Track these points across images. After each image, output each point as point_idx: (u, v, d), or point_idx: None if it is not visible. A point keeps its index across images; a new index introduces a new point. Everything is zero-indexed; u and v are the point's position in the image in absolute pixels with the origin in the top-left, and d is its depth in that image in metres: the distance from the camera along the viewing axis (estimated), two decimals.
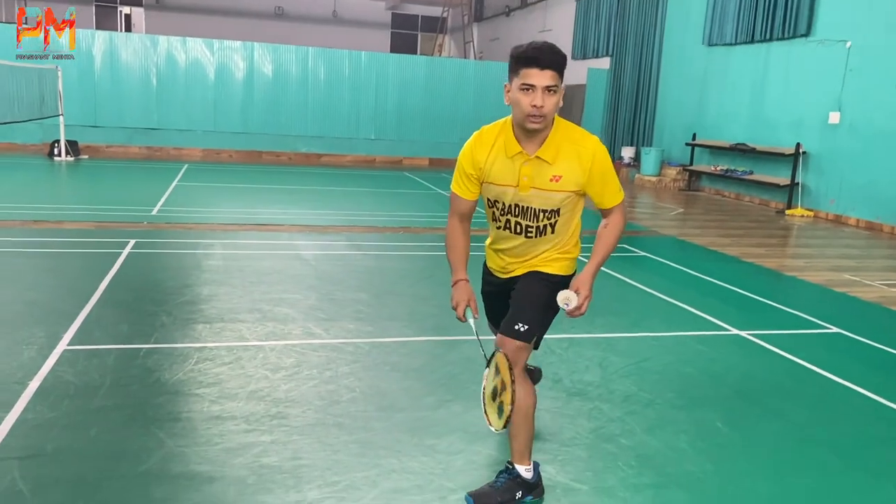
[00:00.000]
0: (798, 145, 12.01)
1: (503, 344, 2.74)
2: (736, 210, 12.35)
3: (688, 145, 14.82)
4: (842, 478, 3.18)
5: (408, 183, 14.01)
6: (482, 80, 18.16)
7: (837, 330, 5.38)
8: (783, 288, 6.87)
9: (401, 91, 17.98)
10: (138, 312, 4.91)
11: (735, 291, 6.42)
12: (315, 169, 15.88)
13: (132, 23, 25.17)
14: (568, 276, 2.83)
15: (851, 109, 11.22)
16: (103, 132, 16.36)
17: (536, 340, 2.83)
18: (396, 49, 26.37)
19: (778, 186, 12.42)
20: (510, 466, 2.82)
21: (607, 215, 2.81)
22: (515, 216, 2.75)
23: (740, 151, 13.32)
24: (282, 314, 5.01)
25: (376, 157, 18.03)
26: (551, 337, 4.49)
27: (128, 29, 24.75)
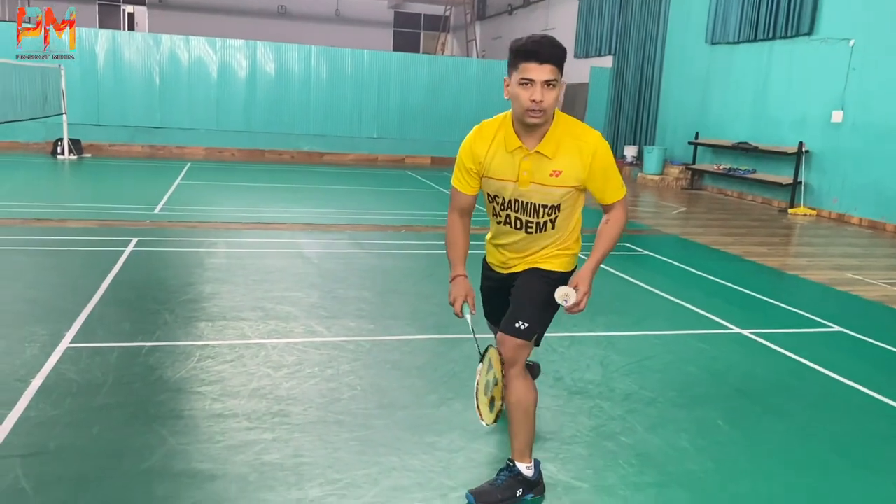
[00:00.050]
0: (801, 144, 11.99)
1: (503, 342, 2.74)
2: (738, 209, 12.34)
3: (690, 144, 14.80)
4: (843, 476, 3.18)
5: (410, 182, 14.01)
6: (484, 79, 18.15)
7: (839, 329, 5.38)
8: (785, 287, 6.87)
9: (403, 90, 17.98)
10: (141, 310, 4.92)
11: (737, 290, 6.41)
12: (317, 167, 15.89)
13: (135, 21, 25.22)
14: (568, 273, 2.82)
15: (854, 108, 11.20)
16: (106, 131, 16.39)
17: (537, 338, 2.82)
18: (399, 48, 26.38)
19: (781, 185, 12.40)
20: (511, 464, 2.82)
21: (609, 211, 2.78)
22: (515, 211, 2.74)
23: (743, 150, 13.30)
24: (284, 312, 5.02)
25: (379, 156, 18.04)
26: (553, 335, 4.50)
27: (131, 28, 24.80)
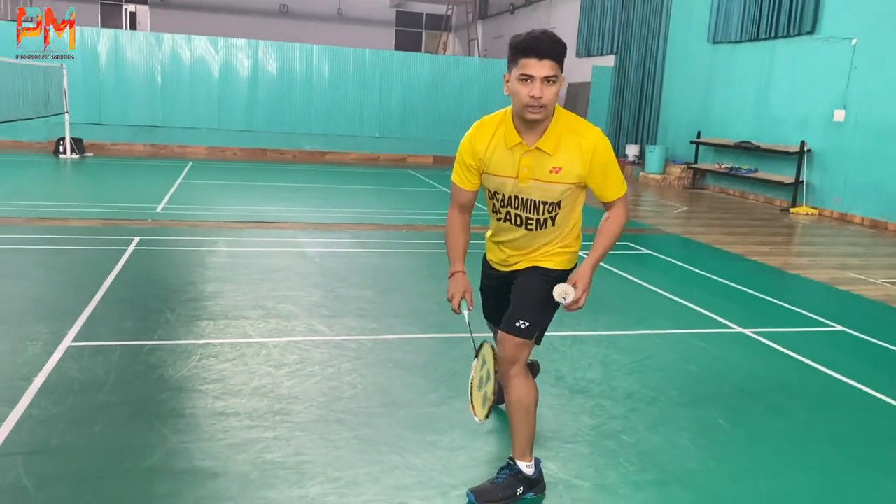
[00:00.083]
0: (803, 143, 11.98)
1: (504, 341, 2.74)
2: (740, 208, 12.32)
3: (692, 143, 14.79)
4: (844, 475, 3.18)
5: (412, 181, 14.01)
6: (486, 78, 18.14)
7: (841, 328, 5.38)
8: (787, 286, 6.86)
9: (405, 89, 17.98)
10: (142, 309, 4.93)
11: (739, 289, 6.41)
12: (319, 166, 15.90)
13: (137, 21, 25.25)
14: (568, 271, 2.81)
15: (857, 107, 11.18)
16: (108, 130, 16.40)
17: (538, 336, 2.82)
18: (401, 47, 26.37)
19: (782, 184, 12.39)
20: (511, 462, 2.82)
21: (609, 209, 2.76)
22: (515, 208, 2.73)
23: (745, 149, 13.29)
24: (285, 311, 5.03)
25: (380, 155, 18.05)
26: (554, 334, 4.50)
27: (133, 27, 24.82)
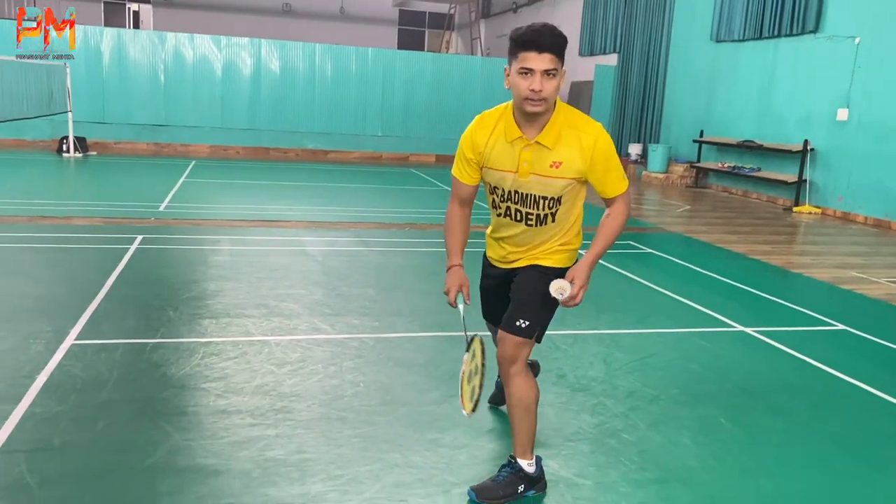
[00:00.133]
0: (806, 142, 11.96)
1: (504, 340, 2.74)
2: (743, 207, 12.31)
3: (695, 142, 14.77)
4: (846, 474, 3.18)
5: (414, 179, 14.02)
6: (489, 77, 18.12)
7: (843, 327, 5.37)
8: (789, 285, 6.86)
9: (408, 88, 17.98)
10: (145, 307, 4.94)
11: (741, 288, 6.40)
12: (322, 165, 15.91)
13: (140, 19, 25.27)
14: (568, 269, 2.80)
15: (860, 106, 11.16)
16: (111, 129, 16.43)
17: (539, 335, 2.82)
18: (403, 46, 26.36)
19: (785, 183, 12.37)
20: (512, 460, 2.82)
21: (610, 205, 2.75)
22: (515, 203, 2.72)
23: (748, 148, 13.27)
24: (287, 309, 5.04)
25: (383, 154, 18.05)
26: (556, 333, 4.51)
27: (136, 26, 24.85)
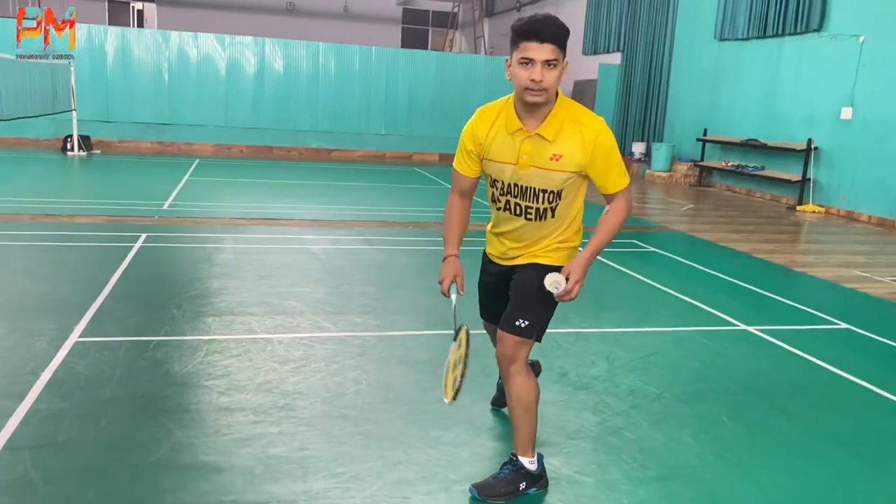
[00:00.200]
0: (810, 141, 11.94)
1: (503, 339, 2.74)
2: (747, 206, 12.29)
3: (699, 141, 14.75)
4: (848, 473, 3.18)
5: (417, 178, 14.02)
6: (493, 76, 18.12)
7: (847, 326, 5.37)
8: (793, 284, 6.85)
9: (411, 86, 17.99)
10: (149, 305, 4.96)
11: (744, 287, 6.40)
12: (325, 164, 15.93)
13: (144, 18, 25.31)
14: None
15: (864, 105, 11.14)
16: (115, 127, 16.47)
17: (539, 334, 2.82)
18: (407, 44, 26.36)
19: (789, 182, 12.35)
20: (514, 458, 2.83)
21: (610, 201, 2.74)
22: (515, 196, 2.72)
23: (751, 147, 13.25)
24: (290, 307, 5.05)
25: (386, 153, 18.06)
26: (558, 331, 4.51)
27: (140, 24, 24.89)
